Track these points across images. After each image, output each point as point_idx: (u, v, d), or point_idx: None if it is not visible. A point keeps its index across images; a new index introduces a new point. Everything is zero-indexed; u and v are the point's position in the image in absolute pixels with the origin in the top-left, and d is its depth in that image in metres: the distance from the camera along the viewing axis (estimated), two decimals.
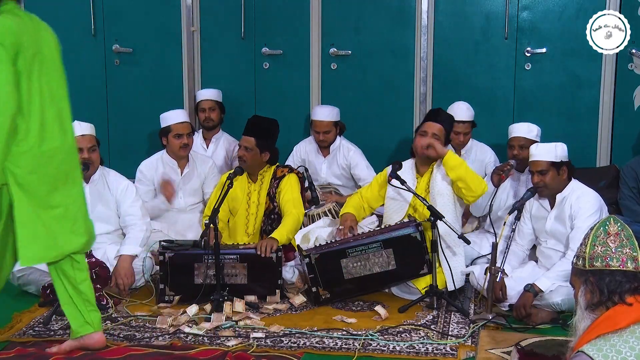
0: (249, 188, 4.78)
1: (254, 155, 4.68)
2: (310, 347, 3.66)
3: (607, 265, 2.43)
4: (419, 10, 6.11)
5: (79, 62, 6.61)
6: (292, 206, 4.64)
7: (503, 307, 4.11)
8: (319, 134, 5.65)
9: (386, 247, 4.22)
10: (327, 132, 5.64)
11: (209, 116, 5.94)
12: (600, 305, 2.42)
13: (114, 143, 6.59)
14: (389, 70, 6.27)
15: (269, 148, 4.75)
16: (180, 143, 5.17)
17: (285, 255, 4.47)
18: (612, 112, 5.96)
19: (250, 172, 4.76)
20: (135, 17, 6.51)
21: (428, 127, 4.46)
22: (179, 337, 3.79)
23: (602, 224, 2.50)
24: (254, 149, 4.67)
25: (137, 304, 4.31)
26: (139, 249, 4.53)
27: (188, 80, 6.50)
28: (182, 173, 5.27)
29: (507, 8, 5.97)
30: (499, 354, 3.55)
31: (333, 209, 5.17)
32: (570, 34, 5.92)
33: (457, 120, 5.36)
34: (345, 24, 6.28)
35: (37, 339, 3.77)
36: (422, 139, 4.43)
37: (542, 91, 6.06)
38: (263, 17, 6.35)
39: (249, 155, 4.67)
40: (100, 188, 4.64)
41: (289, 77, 6.40)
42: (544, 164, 4.12)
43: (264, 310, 4.15)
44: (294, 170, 4.85)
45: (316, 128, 5.66)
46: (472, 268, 4.41)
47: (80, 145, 4.49)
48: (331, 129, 5.64)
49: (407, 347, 3.65)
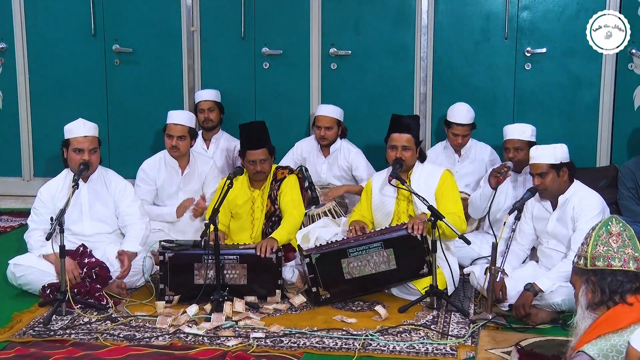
0: (252, 195, 4.76)
1: (269, 163, 4.71)
2: (310, 347, 3.66)
3: (609, 265, 2.43)
4: (419, 10, 6.12)
5: (79, 62, 6.64)
6: (292, 207, 4.64)
7: (503, 307, 4.11)
8: (320, 130, 5.63)
9: (386, 247, 4.21)
10: (329, 129, 5.62)
11: (208, 117, 5.94)
12: (601, 305, 2.43)
13: (114, 143, 6.59)
14: (389, 70, 6.28)
15: (273, 149, 4.76)
16: (170, 144, 5.15)
17: (285, 256, 4.47)
18: (612, 112, 5.97)
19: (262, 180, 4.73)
20: (135, 17, 6.51)
21: (396, 140, 4.44)
22: (179, 337, 3.79)
23: (605, 224, 2.50)
24: (268, 158, 4.68)
25: (137, 304, 4.31)
26: (139, 247, 4.54)
27: (188, 80, 6.51)
28: (183, 173, 5.27)
29: (507, 8, 5.98)
30: (499, 354, 3.54)
31: (333, 209, 5.16)
32: (570, 34, 5.92)
33: (456, 123, 5.36)
34: (345, 24, 6.28)
35: (37, 339, 3.76)
36: (392, 152, 4.42)
37: (542, 91, 6.07)
38: (263, 17, 6.35)
39: (267, 165, 4.68)
40: (98, 188, 4.64)
41: (289, 77, 6.40)
42: (544, 166, 4.12)
43: (264, 310, 4.15)
44: (294, 171, 4.85)
45: (319, 123, 5.65)
46: (472, 268, 4.41)
47: (81, 146, 4.49)
48: (333, 126, 5.64)
49: (407, 347, 3.65)
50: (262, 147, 4.63)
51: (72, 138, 4.51)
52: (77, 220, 4.57)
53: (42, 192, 4.60)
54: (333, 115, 5.65)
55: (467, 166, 5.45)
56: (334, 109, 5.69)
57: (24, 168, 6.85)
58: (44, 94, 6.73)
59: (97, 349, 3.59)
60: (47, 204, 4.54)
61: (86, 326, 3.92)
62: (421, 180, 4.45)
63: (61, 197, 4.49)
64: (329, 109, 5.68)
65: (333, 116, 5.64)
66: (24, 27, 6.64)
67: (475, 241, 4.68)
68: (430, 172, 4.49)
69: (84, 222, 4.60)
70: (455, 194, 4.48)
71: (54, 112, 6.56)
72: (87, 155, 4.50)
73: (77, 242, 4.52)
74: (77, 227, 4.57)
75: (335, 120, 5.65)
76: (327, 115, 5.64)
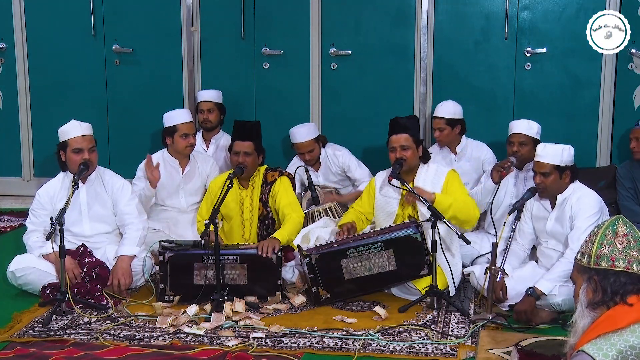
0: (241, 194, 4.74)
1: (254, 159, 4.67)
2: (310, 347, 3.66)
3: (613, 266, 2.42)
4: (419, 10, 6.12)
5: (79, 62, 6.64)
6: (292, 210, 4.62)
7: (503, 307, 4.11)
8: (303, 155, 5.56)
9: (387, 247, 4.21)
10: (311, 151, 5.53)
11: (207, 117, 5.93)
12: (602, 304, 2.42)
13: (114, 143, 6.59)
14: (389, 70, 6.28)
15: (263, 150, 4.74)
16: (187, 143, 5.19)
17: (285, 256, 4.47)
18: (612, 112, 5.97)
19: (245, 177, 4.73)
20: (135, 17, 6.52)
21: (395, 141, 4.44)
22: (179, 337, 3.79)
23: (611, 224, 2.48)
24: (253, 153, 4.65)
25: (137, 304, 4.31)
26: (137, 249, 4.53)
27: (188, 80, 6.51)
28: (184, 172, 5.27)
29: (507, 8, 5.98)
30: (499, 354, 3.54)
31: (333, 208, 5.17)
32: (570, 34, 5.93)
33: (434, 115, 5.41)
34: (345, 24, 6.28)
35: (37, 339, 3.76)
36: (393, 154, 4.43)
37: (542, 91, 6.07)
38: (263, 17, 6.36)
39: (250, 160, 4.63)
40: (97, 188, 4.64)
41: (289, 77, 6.40)
42: (548, 166, 4.10)
43: (264, 311, 4.15)
44: (284, 172, 4.81)
45: (299, 150, 5.55)
46: (472, 268, 4.41)
47: (80, 145, 4.49)
48: (314, 146, 5.53)
49: (407, 347, 3.64)
50: (249, 140, 4.61)
51: (69, 139, 4.50)
52: (77, 221, 4.57)
53: (41, 194, 4.60)
54: (310, 137, 5.51)
55: (463, 165, 5.44)
56: (308, 131, 5.54)
57: (24, 168, 6.85)
58: (44, 94, 6.73)
59: (97, 349, 3.59)
60: (46, 206, 4.53)
61: (86, 326, 3.92)
62: (427, 181, 4.44)
63: (60, 198, 4.50)
64: (303, 134, 5.51)
65: (310, 138, 5.51)
66: (24, 27, 6.64)
67: (476, 240, 4.68)
68: (435, 173, 4.49)
69: (84, 223, 4.60)
70: (463, 188, 4.50)
71: (54, 112, 6.55)
72: (87, 155, 4.50)
73: (77, 242, 4.53)
74: (77, 228, 4.57)
75: (313, 140, 5.53)
76: (304, 141, 5.50)
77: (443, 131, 5.37)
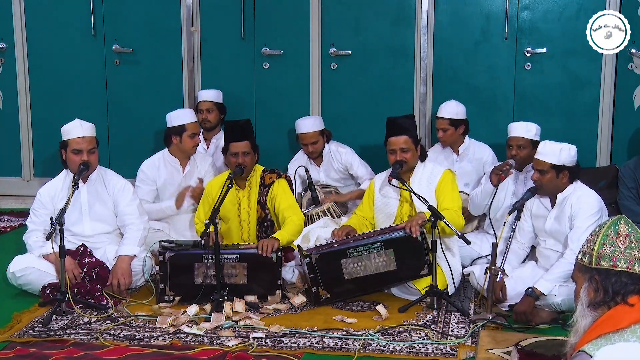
0: (238, 195, 4.73)
1: (252, 157, 4.66)
2: (310, 347, 3.66)
3: (614, 266, 2.42)
4: (419, 10, 6.12)
5: (79, 62, 6.64)
6: (292, 213, 4.60)
7: (503, 307, 4.11)
8: (307, 146, 5.59)
9: (387, 247, 4.21)
10: (315, 143, 5.56)
11: (206, 117, 5.92)
12: (603, 304, 2.42)
13: (114, 143, 6.59)
14: (389, 70, 6.28)
15: (257, 147, 4.73)
16: (195, 142, 5.24)
17: (285, 256, 4.47)
18: (612, 112, 5.97)
19: (242, 178, 4.70)
20: (135, 17, 6.52)
21: (394, 144, 4.44)
22: (179, 337, 3.79)
23: (613, 224, 2.48)
24: (250, 152, 4.64)
25: (137, 304, 4.31)
26: (137, 249, 4.52)
27: (188, 80, 6.51)
28: (184, 172, 5.27)
29: (507, 8, 5.98)
30: (499, 354, 3.54)
31: (332, 209, 5.16)
32: (570, 34, 5.93)
33: (437, 116, 5.40)
34: (345, 24, 6.28)
35: (37, 339, 3.76)
36: (392, 156, 4.43)
37: (542, 91, 6.07)
38: (263, 17, 6.36)
39: (249, 159, 4.63)
40: (98, 188, 4.63)
41: (289, 77, 6.40)
42: (545, 164, 4.11)
43: (264, 310, 4.15)
44: (282, 175, 4.80)
45: (303, 141, 5.58)
46: (472, 268, 4.41)
47: (79, 146, 4.48)
48: (318, 138, 5.57)
49: (407, 347, 3.64)
50: (245, 139, 4.61)
51: (70, 139, 4.50)
52: (77, 221, 4.57)
53: (42, 194, 4.60)
54: (315, 129, 5.56)
55: (465, 165, 5.44)
56: (313, 122, 5.61)
57: (24, 168, 6.85)
58: (44, 94, 6.73)
59: (97, 349, 3.59)
60: (47, 205, 4.53)
61: (86, 326, 3.92)
62: (423, 180, 4.45)
63: (61, 197, 4.49)
64: (309, 125, 5.58)
65: (315, 130, 5.56)
66: (24, 27, 6.64)
67: (476, 241, 4.68)
68: (431, 172, 4.49)
69: (84, 222, 4.60)
70: (455, 191, 4.47)
71: (54, 112, 6.55)
72: (85, 156, 4.48)
73: (77, 242, 4.53)
74: (77, 227, 4.57)
75: (318, 132, 5.58)
76: (309, 132, 5.55)
77: (446, 131, 5.37)
